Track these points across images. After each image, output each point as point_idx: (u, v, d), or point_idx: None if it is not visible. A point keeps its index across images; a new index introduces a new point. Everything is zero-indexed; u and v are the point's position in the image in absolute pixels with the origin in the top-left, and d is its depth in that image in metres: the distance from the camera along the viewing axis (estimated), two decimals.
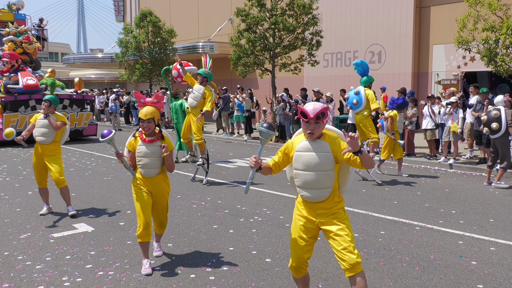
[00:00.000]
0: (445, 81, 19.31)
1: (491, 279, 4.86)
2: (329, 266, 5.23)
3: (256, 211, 7.71)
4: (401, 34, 20.28)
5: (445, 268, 5.16)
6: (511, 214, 7.52)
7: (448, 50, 19.04)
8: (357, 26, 21.79)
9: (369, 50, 21.48)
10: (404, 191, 9.36)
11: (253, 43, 17.83)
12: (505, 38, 11.51)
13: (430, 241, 6.12)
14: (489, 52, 12.08)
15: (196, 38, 29.90)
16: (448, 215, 7.46)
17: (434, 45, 19.80)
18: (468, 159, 12.78)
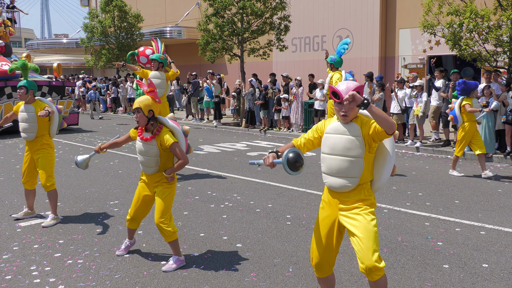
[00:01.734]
0: (412, 65, 19.58)
1: (457, 259, 4.99)
2: (300, 250, 5.28)
3: (226, 197, 7.71)
4: (368, 19, 20.42)
5: (412, 249, 5.27)
6: (476, 196, 7.73)
7: (414, 34, 19.28)
8: (324, 11, 21.83)
9: (337, 34, 21.57)
10: None
11: (221, 28, 17.67)
12: (468, 22, 11.71)
13: (397, 223, 6.25)
14: (454, 36, 12.28)
15: (164, 23, 29.43)
16: (415, 198, 7.62)
17: (400, 29, 20.01)
18: (433, 141, 13.05)
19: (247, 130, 17.37)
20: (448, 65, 19.66)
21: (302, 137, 3.61)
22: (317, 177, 9.21)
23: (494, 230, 5.93)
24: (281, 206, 7.15)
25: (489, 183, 8.61)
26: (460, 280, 4.46)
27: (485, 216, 6.54)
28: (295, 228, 6.05)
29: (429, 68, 19.07)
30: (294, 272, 4.69)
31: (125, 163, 10.71)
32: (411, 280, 4.49)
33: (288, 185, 8.53)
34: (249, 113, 17.57)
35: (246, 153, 12.26)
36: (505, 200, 7.40)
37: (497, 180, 8.89)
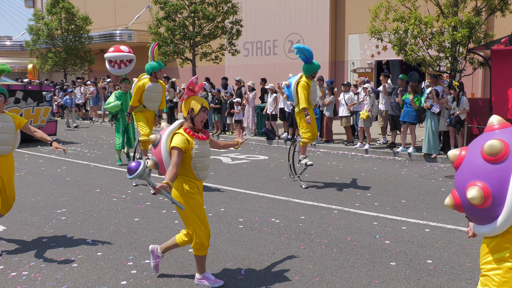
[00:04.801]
0: (360, 69, 20.10)
1: (403, 256, 5.17)
2: (252, 253, 5.32)
3: None
4: (318, 24, 20.81)
5: (361, 248, 5.42)
6: (421, 195, 8.01)
7: (362, 40, 19.80)
8: (276, 16, 22.08)
9: (288, 39, 21.86)
10: (323, 176, 9.68)
11: (172, 32, 17.56)
12: (413, 29, 12.14)
13: (347, 224, 6.39)
14: (400, 42, 12.69)
15: (113, 26, 28.93)
16: (364, 198, 7.82)
17: (349, 34, 20.51)
18: (382, 144, 13.43)
19: None
20: (395, 70, 20.29)
21: None
22: (269, 180, 9.30)
23: (437, 228, 6.17)
24: (233, 210, 7.17)
25: (434, 183, 8.95)
26: (406, 276, 4.62)
27: (430, 214, 6.80)
28: (247, 232, 6.08)
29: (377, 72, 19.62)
30: (246, 275, 4.72)
31: (73, 170, 10.44)
32: (360, 278, 4.61)
33: (240, 188, 8.57)
34: None
35: None
36: None
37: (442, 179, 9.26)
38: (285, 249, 5.40)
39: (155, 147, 4.37)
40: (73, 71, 26.26)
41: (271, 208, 7.25)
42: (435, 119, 11.27)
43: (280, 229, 6.18)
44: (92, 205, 7.47)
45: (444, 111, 11.30)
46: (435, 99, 11.16)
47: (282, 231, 6.08)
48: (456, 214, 6.78)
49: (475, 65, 13.02)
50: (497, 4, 12.27)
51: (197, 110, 4.36)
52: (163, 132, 4.37)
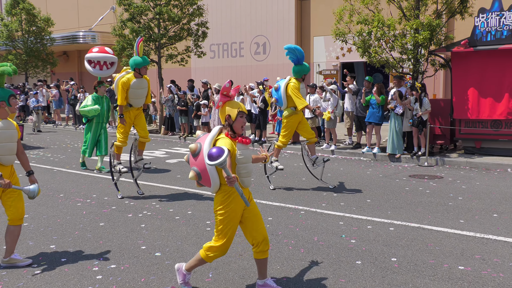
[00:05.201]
0: (326, 71, 20.33)
1: (368, 254, 5.25)
2: None
3: (145, 205, 7.57)
4: (284, 26, 20.95)
5: (328, 248, 5.47)
6: (386, 194, 8.16)
7: (327, 42, 20.03)
8: (242, 18, 22.11)
9: (254, 41, 21.92)
10: (291, 177, 9.74)
11: (137, 34, 17.35)
12: (376, 31, 12.36)
13: (314, 224, 6.45)
14: (364, 44, 12.90)
15: (76, 28, 28.36)
16: (330, 198, 7.91)
17: (314, 36, 20.71)
18: (348, 145, 13.62)
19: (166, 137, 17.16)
20: (359, 71, 20.60)
21: None
22: None
23: (402, 226, 6.29)
24: (201, 212, 7.14)
25: (398, 182, 9.12)
26: (371, 274, 4.69)
27: (394, 213, 6.93)
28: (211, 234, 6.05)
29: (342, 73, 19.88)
30: (214, 278, 4.71)
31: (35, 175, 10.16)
32: (326, 277, 4.66)
33: (207, 191, 8.54)
34: (169, 119, 17.37)
35: (165, 161, 12.10)
36: (412, 198, 7.88)
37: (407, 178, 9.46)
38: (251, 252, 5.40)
39: (196, 157, 4.08)
40: (35, 73, 25.61)
41: None
42: (398, 120, 11.50)
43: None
44: (55, 210, 7.31)
45: (407, 112, 11.54)
46: (398, 100, 11.39)
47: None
48: (420, 213, 6.93)
49: (436, 66, 13.35)
50: (457, 7, 12.63)
51: (234, 116, 4.11)
52: (203, 140, 4.11)
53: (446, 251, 5.32)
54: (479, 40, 11.05)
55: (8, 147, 4.97)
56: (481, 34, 11.01)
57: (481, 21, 10.97)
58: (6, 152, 4.97)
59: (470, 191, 8.33)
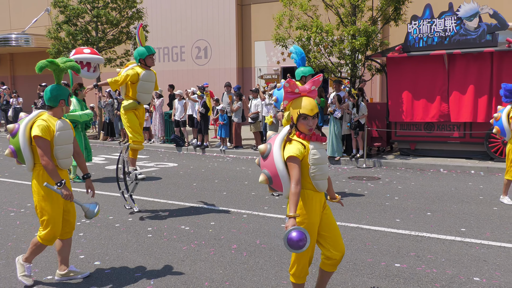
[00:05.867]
0: (267, 75, 20.55)
1: None
2: (161, 262, 5.23)
3: (83, 214, 7.33)
4: (225, 30, 21.01)
5: (270, 251, 5.53)
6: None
7: (268, 47, 20.26)
8: (183, 22, 21.97)
9: (195, 45, 21.83)
10: (233, 182, 9.76)
11: (74, 37, 16.87)
12: (315, 36, 12.65)
13: (256, 227, 6.49)
14: (303, 49, 13.16)
15: (8, 30, 27.14)
16: (272, 201, 7.99)
17: (255, 41, 20.90)
18: None
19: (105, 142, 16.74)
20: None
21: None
22: (179, 187, 9.22)
23: (341, 226, 6.45)
24: (141, 219, 7.01)
25: (338, 184, 9.35)
26: (313, 275, 4.77)
27: (334, 214, 7.04)
28: (157, 241, 5.98)
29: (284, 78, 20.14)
30: (155, 285, 4.63)
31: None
32: (269, 280, 4.70)
33: (149, 197, 8.41)
34: (108, 124, 16.96)
35: (104, 167, 11.80)
36: (351, 198, 8.10)
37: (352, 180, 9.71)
38: (195, 256, 5.37)
39: (266, 159, 3.74)
40: None
41: (180, 215, 7.19)
42: (337, 123, 11.80)
43: (190, 236, 6.14)
44: None
45: (346, 116, 11.86)
46: (337, 104, 11.69)
47: (192, 238, 6.04)
48: (359, 213, 7.14)
49: (372, 71, 13.80)
50: (391, 15, 13.13)
51: (295, 118, 3.64)
52: (273, 141, 3.76)
53: (383, 249, 5.51)
54: (412, 46, 11.53)
55: (68, 149, 4.50)
56: (414, 40, 11.49)
57: (414, 28, 11.46)
58: (65, 155, 4.48)
59: (406, 191, 8.67)
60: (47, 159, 4.25)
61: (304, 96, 3.66)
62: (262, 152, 3.76)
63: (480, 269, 4.87)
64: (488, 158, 11.19)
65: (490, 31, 10.67)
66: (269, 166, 3.70)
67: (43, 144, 4.25)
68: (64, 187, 4.31)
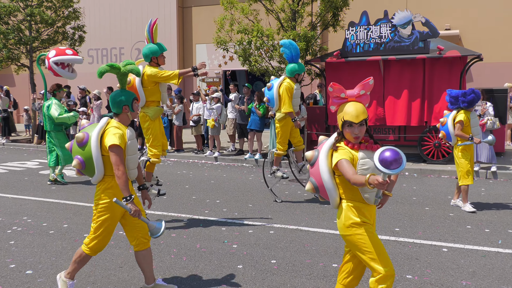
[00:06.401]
0: (209, 78, 20.48)
1: (249, 258, 5.36)
2: (98, 269, 5.08)
3: (14, 221, 7.01)
4: (166, 33, 20.76)
5: (210, 254, 5.50)
6: (266, 199, 8.40)
7: (210, 50, 20.22)
8: (122, 23, 21.52)
9: (135, 47, 21.45)
10: (174, 186, 9.64)
11: (5, 36, 16.10)
12: (256, 40, 12.75)
13: (196, 231, 6.45)
14: (244, 53, 13.24)
15: None
16: (213, 205, 7.96)
17: (197, 44, 20.80)
18: (231, 151, 13.83)
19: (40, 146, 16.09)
20: (241, 79, 21.08)
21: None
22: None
23: (281, 229, 6.52)
24: (78, 225, 6.78)
25: (278, 187, 9.45)
26: (252, 277, 4.80)
27: (274, 217, 7.16)
28: None
29: (225, 82, 20.17)
30: None
31: None
32: (208, 284, 4.67)
33: (86, 202, 8.15)
34: (42, 128, 16.30)
35: (38, 172, 11.34)
36: (291, 201, 8.21)
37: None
38: (133, 262, 5.25)
39: (312, 166, 3.53)
40: None
41: None
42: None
43: (128, 241, 6.00)
44: None
45: None
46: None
47: (129, 244, 5.89)
48: (299, 215, 7.24)
49: (312, 76, 14.08)
50: (330, 21, 13.46)
51: (340, 125, 3.45)
52: (321, 147, 3.54)
53: (322, 250, 5.62)
54: (349, 52, 11.86)
55: (136, 159, 4.26)
56: (351, 46, 11.83)
57: (351, 34, 11.80)
58: (134, 165, 4.24)
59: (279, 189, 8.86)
60: (123, 169, 3.95)
61: (351, 101, 3.46)
62: (309, 159, 3.55)
63: (413, 267, 5.07)
64: (421, 160, 11.69)
65: (423, 38, 11.16)
66: (315, 175, 3.51)
67: (119, 153, 3.96)
68: (131, 203, 4.01)
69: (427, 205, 7.86)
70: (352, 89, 3.45)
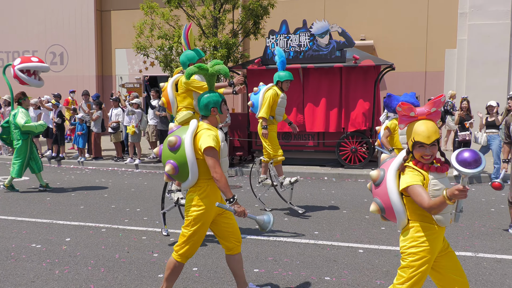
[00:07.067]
0: (129, 84, 20.01)
1: None
2: (7, 284, 4.78)
3: None
4: (83, 36, 20.05)
5: (129, 265, 5.35)
6: None
7: (129, 55, 19.76)
8: (35, 25, 20.50)
9: (50, 50, 20.50)
10: (92, 195, 9.30)
11: None
12: (177, 46, 12.65)
13: (116, 241, 6.25)
14: (165, 58, 13.08)
15: None
16: (134, 214, 7.77)
17: (116, 49, 20.26)
18: (152, 158, 13.57)
19: None
20: None
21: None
22: (30, 202, 8.54)
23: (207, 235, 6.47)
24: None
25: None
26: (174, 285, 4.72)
27: None
28: (2, 262, 5.45)
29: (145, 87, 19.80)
30: None
31: None
32: None
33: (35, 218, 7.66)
34: None
35: None
36: None
37: None
38: (47, 276, 5.00)
39: (378, 186, 3.37)
40: None
41: (31, 233, 6.65)
42: None
43: (42, 254, 5.71)
44: None
45: None
46: None
47: (43, 257, 5.61)
48: None
49: None
50: (251, 28, 13.64)
51: (410, 145, 3.26)
52: (387, 166, 3.37)
53: (243, 255, 5.64)
54: (270, 60, 12.08)
55: (227, 162, 4.16)
56: (272, 54, 12.05)
57: (272, 42, 12.03)
58: (226, 168, 4.10)
59: (265, 198, 9.00)
60: (221, 171, 3.85)
61: (421, 120, 3.24)
62: (374, 179, 3.41)
63: (331, 268, 5.23)
64: (339, 165, 12.11)
65: (339, 47, 11.60)
66: (381, 195, 3.35)
67: (216, 155, 3.87)
68: (235, 203, 3.90)
69: (344, 208, 8.15)
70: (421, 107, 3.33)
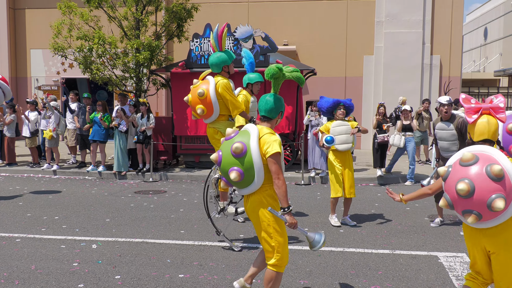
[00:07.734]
0: (46, 86, 19.10)
1: (92, 276, 5.09)
2: None
3: None
4: None
5: (47, 276, 5.10)
6: (111, 212, 8.08)
7: (46, 56, 18.86)
8: None
9: None
10: (4, 203, 8.77)
11: None
12: (97, 48, 12.23)
13: (31, 251, 5.93)
14: (85, 60, 12.59)
15: None
16: (51, 222, 7.41)
17: (31, 49, 19.28)
18: (71, 164, 13.03)
19: None
20: (83, 88, 20.03)
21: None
22: None
23: (126, 243, 6.31)
24: None
25: (123, 199, 9.15)
26: None
27: (119, 231, 6.90)
28: None
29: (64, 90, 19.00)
30: None
31: None
32: None
33: None
34: None
35: None
36: (137, 213, 8.00)
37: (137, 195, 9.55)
38: None
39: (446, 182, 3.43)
40: None
41: None
42: (123, 137, 11.57)
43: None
44: None
45: (131, 129, 11.70)
46: (124, 117, 11.46)
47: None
48: (145, 227, 7.07)
49: (157, 85, 13.94)
50: (175, 31, 13.48)
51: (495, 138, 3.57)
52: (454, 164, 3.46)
53: (168, 261, 5.56)
54: (194, 63, 12.00)
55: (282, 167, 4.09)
56: (196, 57, 11.98)
57: (196, 46, 11.96)
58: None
59: (191, 202, 8.93)
60: (283, 178, 3.79)
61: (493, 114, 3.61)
62: (442, 175, 3.49)
63: None
64: None
65: (263, 52, 11.76)
66: (450, 192, 3.38)
67: (279, 161, 3.81)
68: (289, 214, 3.75)
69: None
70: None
